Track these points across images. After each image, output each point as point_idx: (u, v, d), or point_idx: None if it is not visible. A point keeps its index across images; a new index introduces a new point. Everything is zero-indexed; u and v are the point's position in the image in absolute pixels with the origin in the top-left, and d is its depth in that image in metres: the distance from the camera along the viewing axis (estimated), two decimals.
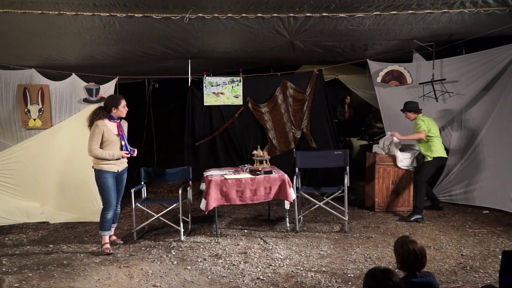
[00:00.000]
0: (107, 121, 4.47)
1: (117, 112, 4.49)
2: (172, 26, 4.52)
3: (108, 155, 4.38)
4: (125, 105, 4.54)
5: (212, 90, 6.62)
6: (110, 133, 4.43)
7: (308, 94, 6.84)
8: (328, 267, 3.91)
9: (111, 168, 4.45)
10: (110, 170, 4.44)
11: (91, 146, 4.35)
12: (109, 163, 4.43)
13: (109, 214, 4.47)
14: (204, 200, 4.75)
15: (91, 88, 6.03)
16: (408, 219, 5.32)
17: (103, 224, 4.48)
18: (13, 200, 5.65)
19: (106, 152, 4.38)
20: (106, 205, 4.48)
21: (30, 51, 5.42)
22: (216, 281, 3.68)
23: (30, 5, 3.82)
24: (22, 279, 3.81)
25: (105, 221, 4.47)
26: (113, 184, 4.47)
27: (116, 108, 4.47)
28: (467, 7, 4.24)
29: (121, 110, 4.50)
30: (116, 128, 4.53)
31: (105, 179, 4.42)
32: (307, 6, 4.14)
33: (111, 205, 4.47)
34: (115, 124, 4.54)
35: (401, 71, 6.17)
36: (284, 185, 4.79)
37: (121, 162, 4.55)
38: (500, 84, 5.51)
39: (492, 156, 5.57)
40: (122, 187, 4.68)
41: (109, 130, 4.43)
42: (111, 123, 4.50)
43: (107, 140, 4.40)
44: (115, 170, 4.49)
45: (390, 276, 2.02)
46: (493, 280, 3.50)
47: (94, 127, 4.39)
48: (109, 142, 4.41)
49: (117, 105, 4.47)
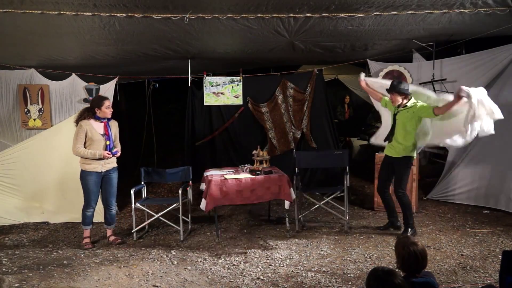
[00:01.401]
0: (93, 121, 4.57)
1: (100, 112, 4.56)
2: (172, 26, 4.52)
3: (89, 154, 4.49)
4: (108, 106, 4.60)
5: (212, 90, 6.62)
6: (94, 132, 4.52)
7: (308, 94, 6.84)
8: (328, 267, 3.91)
9: (94, 169, 4.55)
10: (93, 171, 4.55)
11: (74, 145, 4.52)
12: (92, 163, 4.53)
13: (88, 211, 4.66)
14: (204, 200, 4.76)
15: (91, 88, 6.03)
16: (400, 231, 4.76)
17: (84, 219, 4.70)
18: (13, 200, 5.65)
19: (87, 151, 4.50)
20: (86, 203, 4.66)
21: (30, 51, 5.41)
22: (216, 281, 3.68)
23: (30, 5, 3.83)
24: (22, 279, 3.81)
25: (85, 217, 4.68)
26: (94, 185, 4.60)
27: (99, 108, 4.55)
28: (467, 7, 4.24)
29: (104, 111, 4.56)
30: (103, 128, 4.60)
31: (87, 180, 4.57)
32: (307, 7, 4.14)
33: (90, 205, 4.65)
34: (101, 124, 4.60)
35: (401, 71, 6.16)
36: (284, 185, 4.79)
37: (106, 162, 4.61)
38: (500, 84, 5.51)
39: (492, 156, 5.57)
40: (111, 186, 4.73)
41: (93, 129, 4.53)
42: (97, 123, 4.59)
43: (90, 139, 4.52)
44: (99, 170, 4.58)
45: (393, 277, 2.02)
46: (493, 280, 3.50)
47: (78, 127, 4.54)
48: (92, 142, 4.52)
49: (100, 106, 4.55)
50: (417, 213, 5.63)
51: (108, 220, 4.83)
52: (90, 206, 4.65)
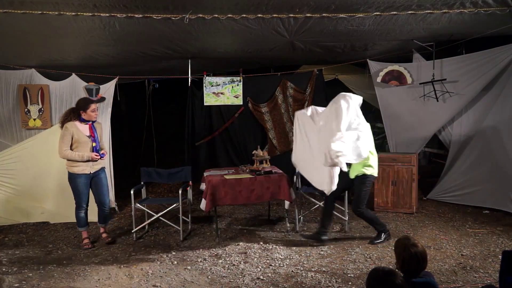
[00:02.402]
0: (78, 123, 4.55)
1: (86, 115, 4.55)
2: (172, 26, 4.52)
3: (77, 156, 4.47)
4: (94, 109, 4.58)
5: (212, 90, 6.62)
6: (80, 134, 4.50)
7: (308, 94, 6.84)
8: (328, 267, 3.91)
9: (82, 171, 4.54)
10: (81, 173, 4.54)
11: (61, 147, 4.47)
12: (80, 165, 4.51)
13: (81, 213, 4.66)
14: (204, 200, 4.75)
15: (91, 88, 6.03)
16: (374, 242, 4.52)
17: (78, 221, 4.71)
18: (13, 200, 5.65)
19: (75, 153, 4.48)
20: (77, 205, 4.66)
21: (30, 51, 5.41)
22: (216, 281, 3.68)
23: (30, 5, 3.82)
24: (22, 279, 3.82)
25: (78, 219, 4.69)
26: (84, 186, 4.60)
27: (84, 111, 4.54)
28: (467, 7, 4.24)
29: (89, 114, 4.55)
30: (88, 129, 4.59)
31: (76, 182, 4.56)
32: (307, 7, 4.14)
33: (81, 206, 4.64)
34: (87, 126, 4.60)
35: (401, 71, 6.16)
36: (284, 185, 4.79)
37: (94, 163, 4.61)
38: (500, 84, 5.51)
39: (492, 156, 5.57)
40: (101, 187, 4.72)
41: (79, 131, 4.51)
42: (82, 125, 4.57)
43: (77, 141, 4.50)
44: (87, 172, 4.57)
45: (394, 277, 2.02)
46: (493, 280, 3.50)
47: (64, 129, 4.50)
48: (79, 144, 4.50)
49: (85, 109, 4.54)
50: (417, 213, 5.64)
51: (101, 219, 4.85)
52: (82, 208, 4.65)
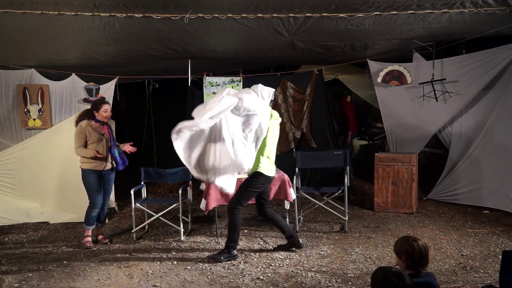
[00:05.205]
0: (93, 122, 4.63)
1: (99, 115, 4.62)
2: (172, 26, 4.52)
3: (91, 154, 4.53)
4: (106, 110, 4.63)
5: (212, 90, 6.61)
6: (94, 133, 4.58)
7: (308, 94, 6.83)
8: (328, 267, 3.91)
9: (96, 167, 4.60)
10: (95, 169, 4.60)
11: (75, 145, 4.58)
12: (93, 162, 4.58)
13: (94, 212, 4.66)
14: (204, 200, 4.75)
15: (91, 88, 6.03)
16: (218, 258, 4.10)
17: (88, 220, 4.70)
18: (13, 200, 5.65)
19: (90, 151, 4.55)
20: (91, 204, 4.66)
21: (30, 51, 5.41)
22: (216, 281, 3.68)
23: (30, 5, 3.82)
24: (22, 279, 3.82)
25: (89, 218, 4.69)
26: (97, 183, 4.63)
27: (97, 112, 4.61)
28: (467, 7, 4.23)
29: (101, 114, 4.61)
30: (104, 129, 4.68)
31: (89, 178, 4.61)
32: (307, 6, 4.14)
33: (96, 204, 4.65)
34: (103, 126, 4.68)
35: (401, 71, 6.16)
36: (284, 185, 4.78)
37: (106, 162, 4.66)
38: (501, 84, 5.50)
39: (492, 156, 5.57)
40: (109, 187, 4.81)
41: (92, 130, 4.58)
42: (98, 125, 4.65)
43: (91, 139, 4.57)
44: (100, 169, 4.63)
45: (404, 278, 2.01)
46: (493, 280, 3.49)
47: (78, 128, 4.59)
48: (93, 142, 4.57)
49: (98, 109, 4.61)
50: (417, 213, 5.64)
51: (101, 218, 4.86)
52: (96, 207, 4.65)
